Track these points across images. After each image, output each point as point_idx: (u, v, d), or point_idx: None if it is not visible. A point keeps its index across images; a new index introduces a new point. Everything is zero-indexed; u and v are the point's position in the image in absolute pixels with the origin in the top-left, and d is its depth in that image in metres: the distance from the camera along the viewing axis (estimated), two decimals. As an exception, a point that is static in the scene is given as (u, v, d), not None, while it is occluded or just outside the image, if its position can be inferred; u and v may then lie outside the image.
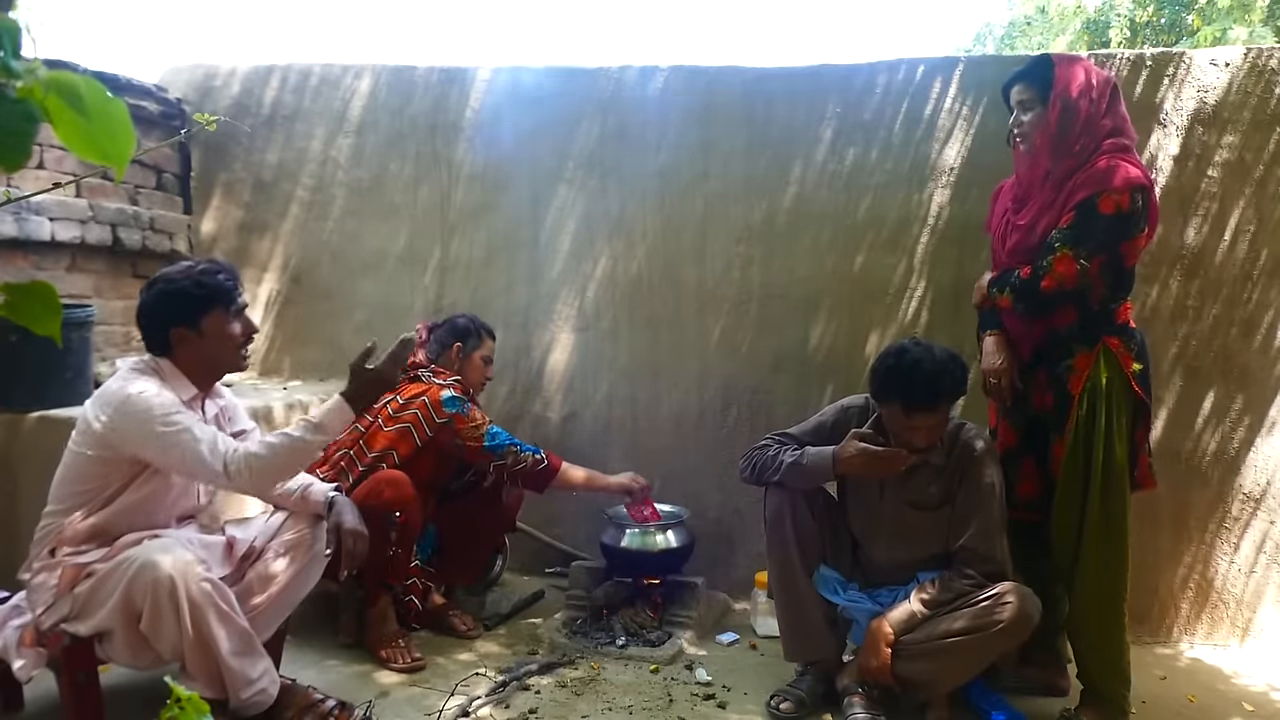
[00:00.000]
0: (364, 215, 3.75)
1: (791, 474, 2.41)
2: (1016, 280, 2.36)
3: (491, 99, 3.62)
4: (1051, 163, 2.34)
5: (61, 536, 2.07)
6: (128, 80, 3.48)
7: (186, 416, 2.04)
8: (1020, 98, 2.41)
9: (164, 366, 2.16)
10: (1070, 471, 2.35)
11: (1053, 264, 2.28)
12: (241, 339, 2.22)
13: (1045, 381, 2.43)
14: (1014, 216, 2.46)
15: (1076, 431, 2.33)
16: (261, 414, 3.02)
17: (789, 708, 2.41)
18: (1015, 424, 2.52)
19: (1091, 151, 2.31)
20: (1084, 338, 2.35)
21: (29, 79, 0.63)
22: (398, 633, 2.73)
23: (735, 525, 3.43)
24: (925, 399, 2.24)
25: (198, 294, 2.13)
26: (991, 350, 2.49)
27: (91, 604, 2.00)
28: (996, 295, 2.43)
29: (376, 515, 2.56)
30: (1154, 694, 2.65)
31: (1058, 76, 2.33)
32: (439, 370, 2.95)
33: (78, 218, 3.15)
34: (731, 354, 3.46)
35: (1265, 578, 3.08)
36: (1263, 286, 3.03)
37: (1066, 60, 2.40)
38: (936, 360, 2.24)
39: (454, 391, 2.84)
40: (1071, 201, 2.29)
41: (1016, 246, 2.42)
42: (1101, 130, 2.32)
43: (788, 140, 3.38)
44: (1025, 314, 2.40)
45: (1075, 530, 2.35)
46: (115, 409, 2.02)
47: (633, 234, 3.53)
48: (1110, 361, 2.33)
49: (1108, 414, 2.30)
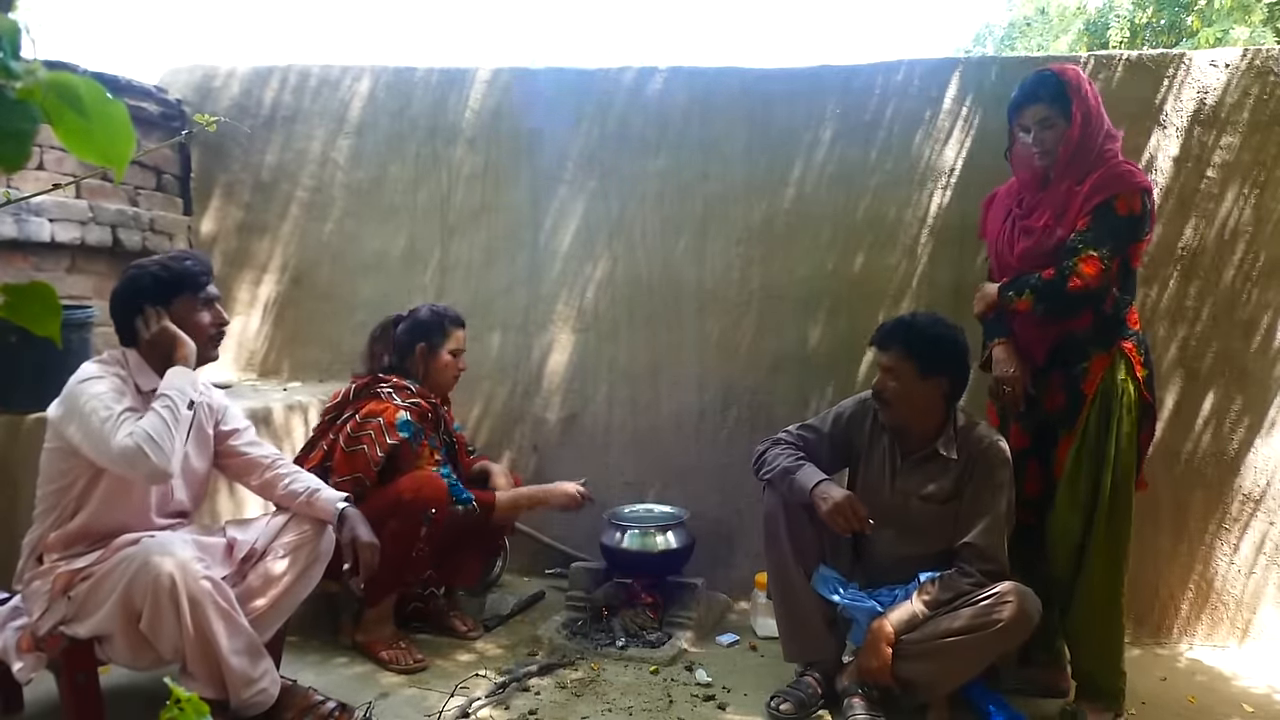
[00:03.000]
0: (364, 216, 3.75)
1: (781, 481, 2.46)
2: (1038, 283, 2.35)
3: (491, 100, 3.62)
4: (1075, 170, 2.35)
5: (48, 542, 2.06)
6: (127, 81, 3.48)
7: (119, 403, 2.00)
8: (1040, 116, 2.37)
9: (130, 357, 2.15)
10: (1075, 471, 2.38)
11: (1077, 264, 2.29)
12: (212, 329, 2.20)
13: (1059, 384, 2.44)
14: (1023, 221, 2.46)
15: (1085, 431, 2.36)
16: (261, 415, 3.02)
17: (789, 708, 2.41)
18: (1027, 427, 2.52)
19: (1102, 152, 2.34)
20: (1100, 341, 2.38)
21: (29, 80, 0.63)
22: (397, 634, 2.73)
23: (735, 526, 3.42)
24: (878, 336, 2.43)
25: (165, 279, 2.14)
26: (1004, 358, 2.48)
27: (90, 605, 2.00)
28: (1013, 299, 2.40)
29: (412, 513, 2.57)
30: (1154, 694, 2.65)
31: (1072, 88, 2.34)
32: (400, 384, 2.78)
33: (78, 219, 3.15)
34: (731, 355, 3.46)
35: (1265, 578, 3.08)
36: (1262, 287, 3.03)
37: (1068, 70, 2.40)
38: (918, 317, 2.44)
39: (410, 416, 2.70)
40: (1089, 204, 2.31)
41: (1030, 251, 2.42)
42: (1106, 129, 2.36)
43: (787, 141, 3.38)
44: (1046, 316, 2.38)
45: (1079, 529, 2.38)
46: (62, 396, 2.04)
47: (632, 235, 3.53)
48: (1125, 365, 2.37)
49: (1119, 416, 2.34)
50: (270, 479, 2.36)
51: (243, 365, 3.86)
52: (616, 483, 3.52)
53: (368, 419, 2.69)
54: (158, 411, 1.99)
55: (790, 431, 2.59)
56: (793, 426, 2.62)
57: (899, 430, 2.47)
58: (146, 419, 1.97)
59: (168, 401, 2.01)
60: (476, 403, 3.65)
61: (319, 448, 2.77)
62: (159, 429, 1.96)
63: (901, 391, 2.37)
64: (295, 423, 3.24)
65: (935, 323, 2.41)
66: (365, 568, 2.25)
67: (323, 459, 2.73)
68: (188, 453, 2.25)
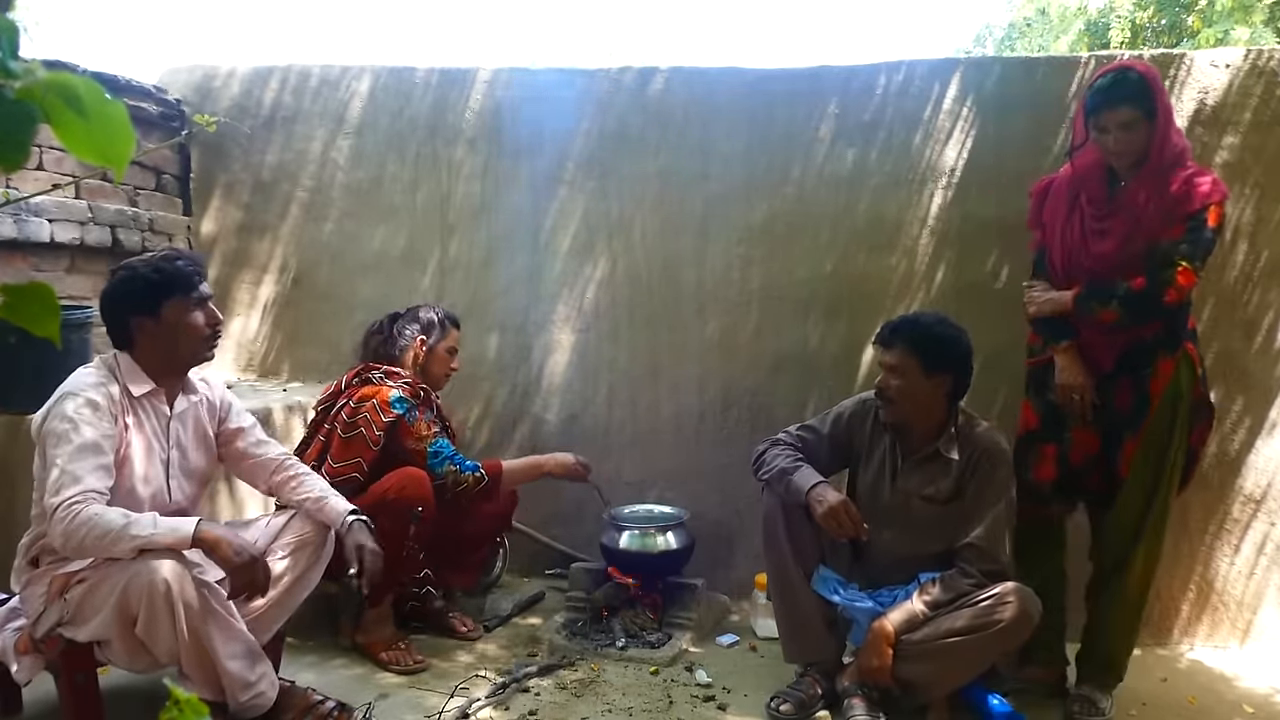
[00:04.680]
0: (363, 216, 3.75)
1: (779, 482, 2.46)
2: (1128, 294, 2.30)
3: (491, 100, 3.62)
4: (1154, 172, 2.30)
5: (43, 545, 2.06)
6: (127, 81, 3.48)
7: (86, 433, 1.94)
8: (1124, 120, 2.27)
9: (121, 361, 2.14)
10: (1141, 470, 2.40)
11: (1175, 276, 2.26)
12: (206, 329, 2.17)
13: (1128, 387, 2.42)
14: (1100, 223, 2.39)
15: (1151, 432, 2.37)
16: (261, 415, 3.02)
17: (789, 709, 2.41)
18: (1096, 430, 2.47)
19: (1178, 153, 2.31)
20: (1169, 343, 2.37)
21: (28, 80, 0.63)
22: (397, 634, 2.73)
23: (735, 527, 3.42)
24: (883, 334, 2.44)
25: (156, 280, 2.10)
26: (1071, 366, 2.42)
27: (87, 609, 1.98)
28: (1098, 309, 2.34)
29: (399, 511, 2.57)
30: (1154, 695, 2.65)
31: (1154, 88, 2.27)
32: (392, 371, 2.84)
33: (77, 219, 3.14)
34: (731, 355, 3.46)
35: (1266, 579, 3.07)
36: (1263, 288, 3.03)
37: (1150, 70, 2.33)
38: (922, 315, 2.46)
39: (403, 393, 2.75)
40: (1181, 212, 2.28)
41: (1111, 255, 2.35)
42: (1175, 127, 2.34)
43: (787, 141, 3.38)
44: (1129, 325, 2.35)
45: (1134, 525, 2.42)
46: (47, 407, 2.02)
47: (632, 235, 3.53)
48: (1189, 367, 2.38)
49: (1183, 418, 2.38)
50: (279, 482, 2.35)
51: (243, 365, 3.86)
52: (616, 483, 3.52)
53: (362, 402, 2.73)
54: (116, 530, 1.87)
55: (790, 432, 2.58)
56: (792, 427, 2.62)
57: (900, 430, 2.47)
58: (105, 520, 1.87)
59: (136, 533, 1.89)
60: (476, 403, 3.64)
61: (316, 440, 2.79)
62: (97, 538, 1.86)
63: (905, 389, 2.36)
64: (295, 423, 3.23)
65: (940, 321, 2.41)
66: (369, 575, 2.25)
67: (321, 450, 2.75)
68: (187, 450, 2.25)
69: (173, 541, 1.94)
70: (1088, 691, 2.48)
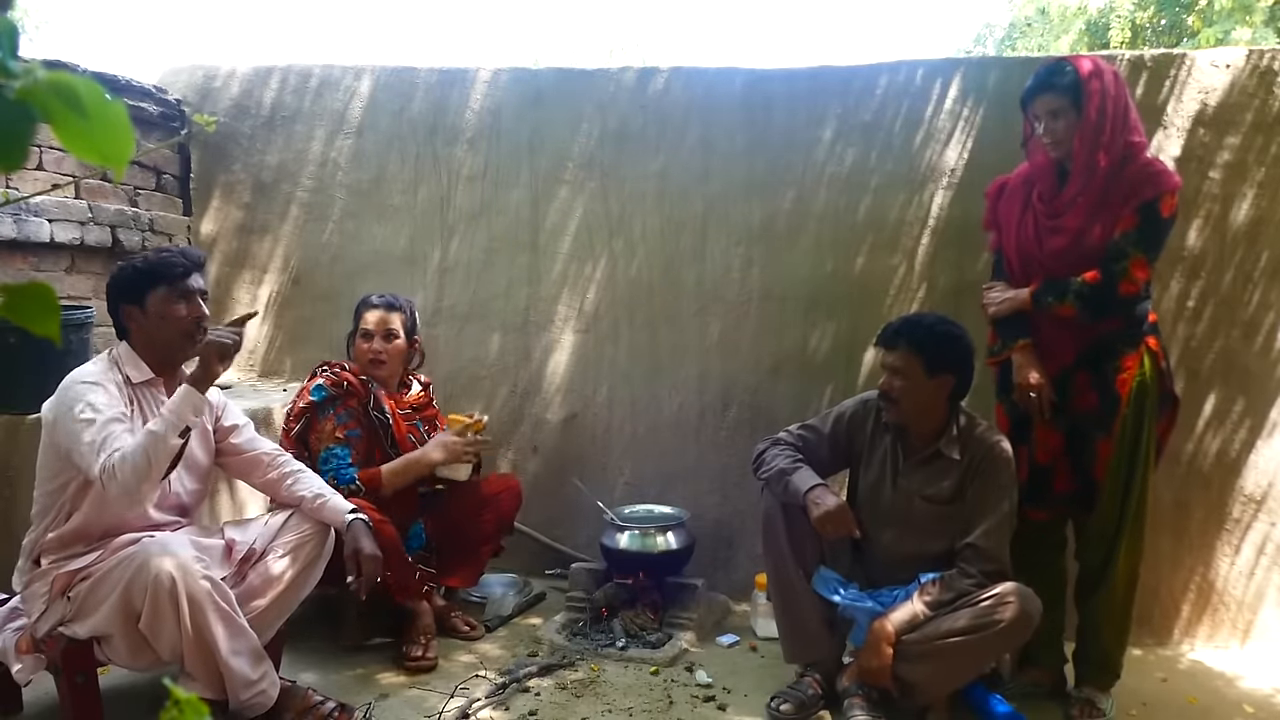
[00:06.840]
0: (364, 216, 3.75)
1: (777, 483, 2.46)
2: (1083, 287, 2.30)
3: (491, 100, 3.62)
4: (1099, 165, 2.28)
5: (45, 544, 2.06)
6: (127, 81, 3.48)
7: (106, 410, 2.00)
8: (1051, 107, 2.30)
9: (121, 350, 2.18)
10: (1117, 468, 2.39)
11: (1129, 269, 2.27)
12: (188, 321, 2.17)
13: (1088, 384, 2.42)
14: (1052, 219, 2.39)
15: (1124, 430, 2.37)
16: (261, 415, 3.02)
17: (789, 709, 2.40)
18: (1059, 428, 2.47)
19: (1127, 146, 2.30)
20: (1129, 339, 2.37)
21: (27, 80, 0.63)
22: (430, 628, 2.77)
23: (735, 527, 3.42)
24: (885, 335, 2.43)
25: (143, 269, 2.16)
26: (1027, 363, 2.42)
27: (89, 605, 2.00)
28: (1054, 304, 2.34)
29: None
30: (1155, 696, 2.65)
31: (1087, 78, 2.28)
32: (335, 361, 2.93)
33: (77, 219, 3.14)
34: (731, 355, 3.46)
35: (1266, 580, 3.07)
36: (1264, 288, 3.02)
37: (1083, 60, 2.36)
38: (924, 316, 2.47)
39: (323, 382, 2.82)
40: (1132, 203, 2.28)
41: (1065, 250, 2.36)
42: (1131, 123, 2.32)
43: (787, 141, 3.37)
44: (1088, 320, 2.35)
45: (1115, 523, 2.41)
46: (55, 396, 2.05)
47: (632, 235, 3.53)
48: (1152, 361, 2.38)
49: (1149, 411, 2.38)
50: (274, 478, 2.36)
51: (243, 365, 3.85)
52: (616, 483, 3.52)
53: (298, 394, 2.87)
54: (143, 444, 1.94)
55: (790, 432, 2.58)
56: (793, 426, 2.62)
57: (902, 430, 2.47)
58: (131, 446, 1.94)
59: (157, 430, 1.96)
60: (476, 403, 3.64)
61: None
62: (138, 463, 1.92)
63: (908, 390, 2.36)
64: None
65: (941, 321, 2.41)
66: (366, 579, 2.26)
67: None
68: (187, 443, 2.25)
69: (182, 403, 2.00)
70: (1088, 693, 2.48)
